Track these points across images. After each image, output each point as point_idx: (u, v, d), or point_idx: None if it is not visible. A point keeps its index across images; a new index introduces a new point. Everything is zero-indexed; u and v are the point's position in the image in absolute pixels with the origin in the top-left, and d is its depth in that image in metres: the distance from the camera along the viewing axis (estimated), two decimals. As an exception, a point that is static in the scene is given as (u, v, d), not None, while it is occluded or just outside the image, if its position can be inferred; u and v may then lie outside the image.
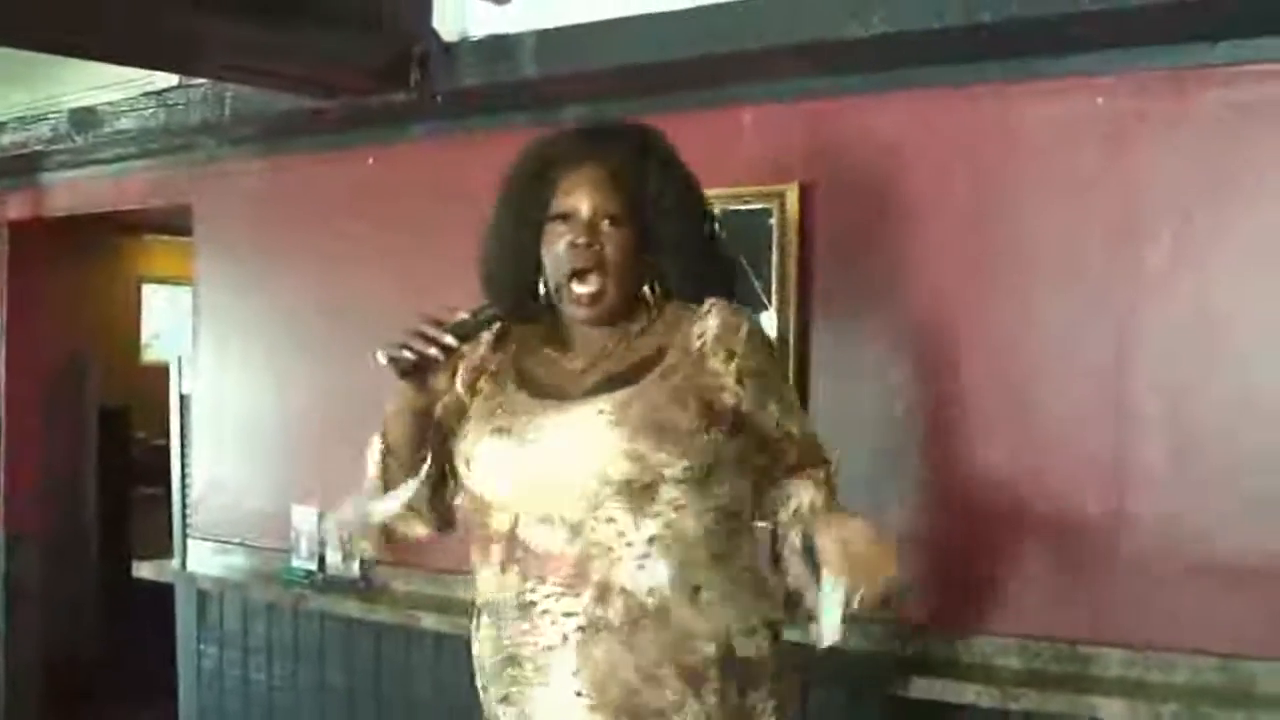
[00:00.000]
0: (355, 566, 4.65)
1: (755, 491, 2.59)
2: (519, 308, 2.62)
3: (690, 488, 2.41)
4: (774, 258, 3.77)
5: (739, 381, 2.48)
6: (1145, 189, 3.32)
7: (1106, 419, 3.36)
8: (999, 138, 3.51)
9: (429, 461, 2.60)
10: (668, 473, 2.38)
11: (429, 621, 4.27)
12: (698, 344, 2.49)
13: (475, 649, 2.59)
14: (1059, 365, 3.43)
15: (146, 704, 6.03)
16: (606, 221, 2.51)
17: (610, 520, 2.39)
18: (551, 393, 2.52)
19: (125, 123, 4.87)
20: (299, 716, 4.87)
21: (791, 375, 3.74)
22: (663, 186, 2.55)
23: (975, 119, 3.53)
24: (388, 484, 2.63)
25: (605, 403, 2.43)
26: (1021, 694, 3.30)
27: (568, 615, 2.40)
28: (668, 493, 2.39)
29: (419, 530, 2.66)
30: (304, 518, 4.82)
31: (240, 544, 5.13)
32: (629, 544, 2.39)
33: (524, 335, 2.66)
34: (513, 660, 2.47)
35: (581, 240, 2.49)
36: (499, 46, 3.91)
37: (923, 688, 3.42)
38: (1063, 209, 3.41)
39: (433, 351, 2.45)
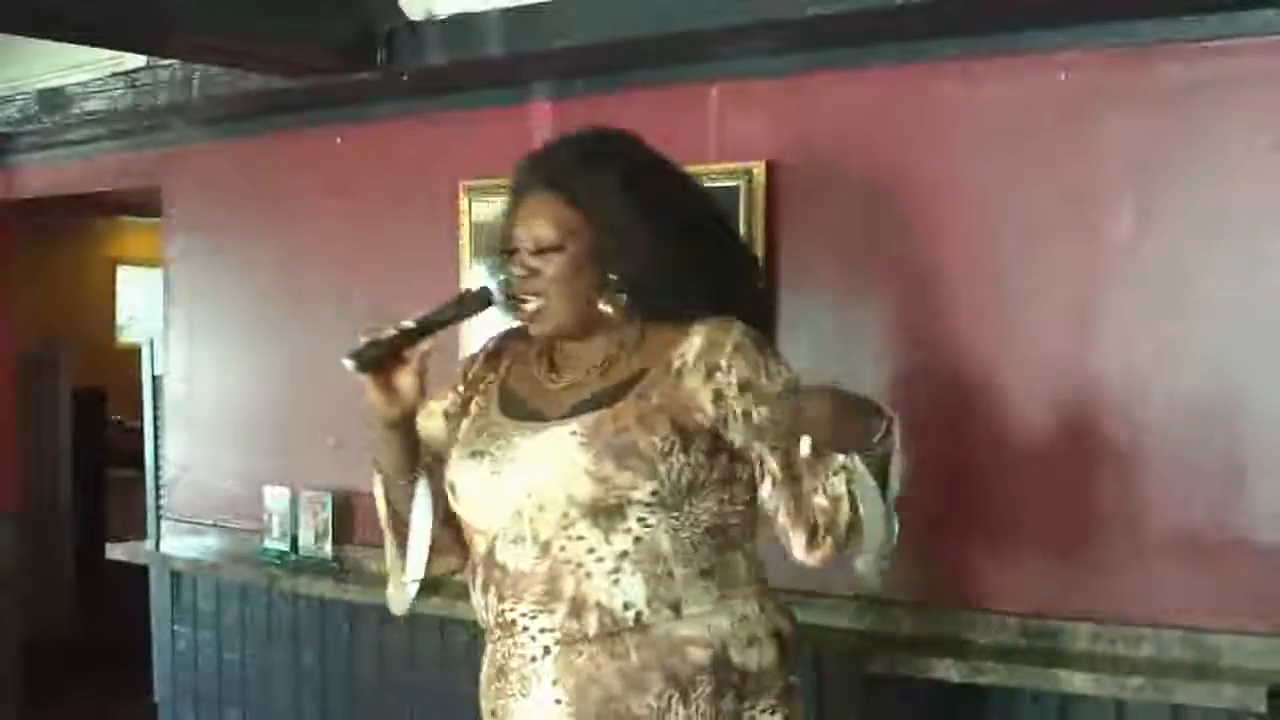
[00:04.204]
0: (328, 547, 4.67)
1: (753, 496, 2.51)
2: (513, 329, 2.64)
3: (661, 508, 2.38)
4: (741, 235, 3.76)
5: (717, 399, 2.43)
6: (1108, 164, 3.32)
7: (1070, 391, 3.37)
8: (963, 113, 3.50)
9: (422, 481, 2.61)
10: (634, 495, 2.35)
11: (401, 601, 4.28)
12: (678, 363, 2.46)
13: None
14: (1023, 339, 3.44)
15: (121, 685, 6.04)
16: (542, 252, 2.48)
17: (580, 538, 2.37)
18: (529, 415, 2.52)
19: (94, 104, 4.85)
20: (272, 696, 4.87)
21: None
22: (611, 198, 2.48)
23: (940, 95, 3.53)
24: (396, 521, 2.65)
25: (578, 424, 2.41)
26: (988, 668, 3.30)
27: (544, 631, 2.39)
28: (636, 512, 2.37)
29: (452, 563, 2.67)
30: (276, 499, 4.83)
31: (213, 525, 5.13)
32: (599, 559, 2.36)
33: (518, 352, 2.66)
34: (501, 673, 2.47)
35: (519, 274, 2.49)
36: (465, 24, 3.89)
37: (890, 663, 3.43)
38: (1026, 184, 3.42)
39: (389, 333, 2.45)
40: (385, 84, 4.20)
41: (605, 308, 2.51)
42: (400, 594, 2.72)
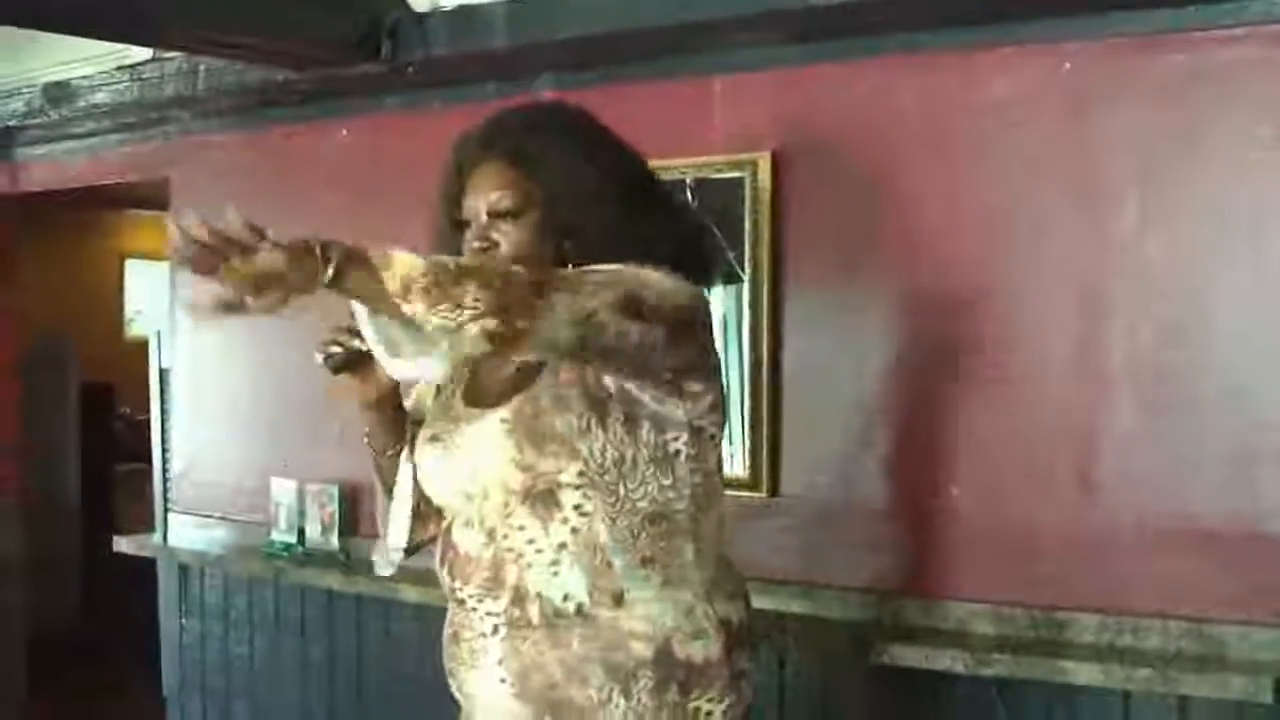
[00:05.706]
0: (335, 539, 4.67)
1: (705, 477, 2.45)
2: None
3: (595, 492, 2.34)
4: (747, 227, 3.76)
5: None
6: (1112, 154, 3.32)
7: (1077, 383, 3.37)
8: (968, 103, 3.50)
9: (406, 451, 2.63)
10: (563, 479, 2.33)
11: (409, 593, 4.27)
12: None
13: None
14: (1028, 331, 3.43)
15: (129, 678, 6.06)
16: (500, 220, 2.44)
17: (521, 527, 2.37)
18: (479, 398, 2.49)
19: (99, 97, 4.85)
20: (280, 689, 4.88)
21: (765, 343, 3.74)
22: (567, 166, 2.46)
23: (945, 85, 3.53)
24: (386, 489, 2.68)
25: (507, 410, 2.38)
26: (995, 659, 3.30)
27: (490, 615, 2.40)
28: (570, 499, 2.34)
29: (433, 531, 2.65)
30: (284, 491, 4.83)
31: (221, 518, 5.13)
32: (539, 550, 2.36)
33: None
34: (455, 639, 2.49)
35: (476, 244, 2.45)
36: (469, 16, 3.89)
37: (897, 654, 3.42)
38: (1031, 175, 3.41)
39: (356, 343, 2.43)
40: (390, 76, 4.20)
41: None
42: (384, 558, 2.74)
